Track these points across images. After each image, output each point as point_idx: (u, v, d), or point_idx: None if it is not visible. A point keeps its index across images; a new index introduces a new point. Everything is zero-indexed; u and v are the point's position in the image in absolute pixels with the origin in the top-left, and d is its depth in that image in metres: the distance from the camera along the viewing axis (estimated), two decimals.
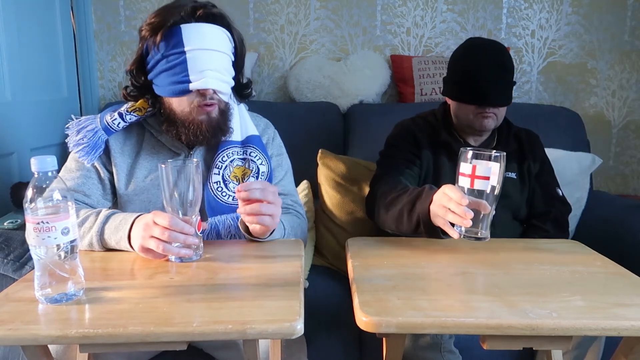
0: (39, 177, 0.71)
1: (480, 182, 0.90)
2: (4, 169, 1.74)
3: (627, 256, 1.48)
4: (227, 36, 1.08)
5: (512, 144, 1.41)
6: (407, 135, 1.41)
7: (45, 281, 0.73)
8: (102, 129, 1.10)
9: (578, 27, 2.19)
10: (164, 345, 0.69)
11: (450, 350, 1.21)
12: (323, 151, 1.77)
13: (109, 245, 0.97)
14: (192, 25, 1.03)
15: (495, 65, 1.29)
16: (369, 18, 2.20)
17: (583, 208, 1.80)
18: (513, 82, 1.33)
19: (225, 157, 1.14)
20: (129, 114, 1.11)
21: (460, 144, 1.38)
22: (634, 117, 2.25)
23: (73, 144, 1.10)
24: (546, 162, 1.45)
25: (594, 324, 0.69)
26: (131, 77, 1.11)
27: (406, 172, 1.34)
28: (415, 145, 1.39)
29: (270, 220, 0.96)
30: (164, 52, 1.03)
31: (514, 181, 1.38)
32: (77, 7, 2.14)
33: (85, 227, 0.99)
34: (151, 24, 1.04)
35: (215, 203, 1.10)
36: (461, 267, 0.90)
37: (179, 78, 1.03)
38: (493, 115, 1.31)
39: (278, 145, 1.27)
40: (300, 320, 0.67)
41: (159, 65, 1.05)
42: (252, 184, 0.95)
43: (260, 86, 2.25)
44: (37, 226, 0.70)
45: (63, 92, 2.08)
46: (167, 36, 1.03)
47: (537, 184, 1.42)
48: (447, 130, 1.40)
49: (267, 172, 1.17)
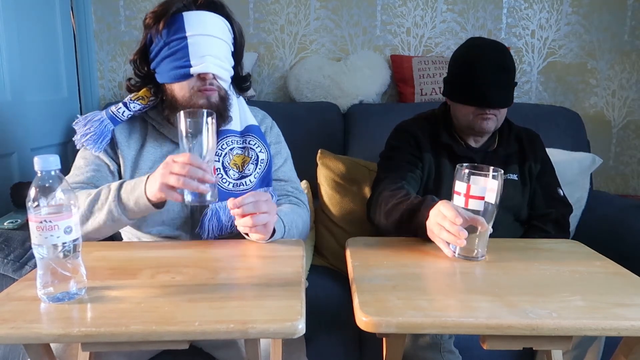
0: (42, 176, 0.71)
1: (475, 202, 0.88)
2: (4, 169, 1.74)
3: (627, 256, 1.48)
4: (227, 25, 1.12)
5: (513, 145, 1.39)
6: (409, 136, 1.39)
7: (48, 280, 0.73)
8: (108, 118, 1.14)
9: (578, 27, 2.20)
10: (166, 344, 0.69)
11: (450, 350, 1.21)
12: (322, 151, 1.77)
13: (129, 207, 0.99)
14: (194, 12, 1.07)
15: (495, 65, 1.27)
16: (369, 18, 2.20)
17: (583, 208, 1.81)
18: (514, 83, 1.31)
19: (225, 145, 1.16)
20: (132, 102, 1.14)
21: (462, 146, 1.37)
22: (634, 117, 2.25)
23: (80, 134, 1.13)
24: (547, 163, 1.44)
25: (594, 324, 0.69)
26: (134, 67, 1.15)
27: (408, 174, 1.32)
28: (417, 147, 1.37)
29: (265, 229, 0.99)
30: (166, 39, 1.07)
31: (515, 183, 1.37)
32: (77, 7, 2.14)
33: (101, 200, 1.00)
34: (155, 12, 1.09)
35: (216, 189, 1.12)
36: (461, 267, 0.90)
37: (180, 63, 1.06)
38: (493, 117, 1.29)
39: (276, 134, 1.30)
40: (301, 319, 0.68)
41: (162, 53, 1.09)
42: (245, 199, 0.96)
43: (260, 86, 2.25)
44: (40, 225, 0.70)
45: (63, 92, 2.08)
46: (169, 24, 1.07)
47: (538, 185, 1.41)
48: (447, 132, 1.38)
49: (267, 160, 1.19)
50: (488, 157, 1.37)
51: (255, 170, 1.17)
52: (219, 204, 1.12)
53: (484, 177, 0.88)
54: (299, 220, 1.16)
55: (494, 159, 1.36)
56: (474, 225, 0.90)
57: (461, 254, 0.92)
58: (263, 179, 1.19)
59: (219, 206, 1.12)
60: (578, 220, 1.79)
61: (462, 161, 1.21)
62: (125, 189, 0.99)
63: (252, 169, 1.17)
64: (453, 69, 1.36)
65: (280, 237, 1.06)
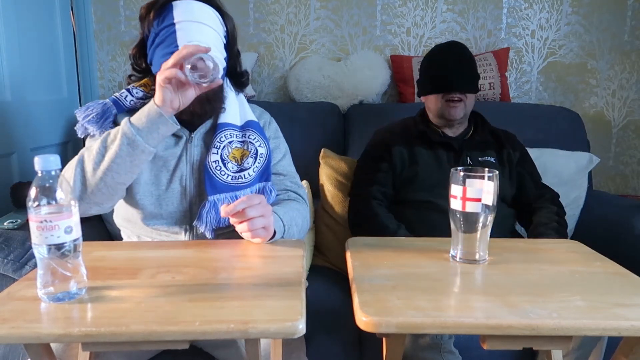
0: (42, 176, 0.71)
1: (472, 205, 0.88)
2: (4, 169, 1.74)
3: (627, 256, 1.49)
4: (217, 16, 1.13)
5: (487, 135, 1.56)
6: (379, 140, 1.58)
7: (48, 280, 0.73)
8: (111, 101, 1.13)
9: (578, 27, 2.20)
10: (166, 344, 0.69)
11: (450, 350, 1.21)
12: (325, 150, 1.79)
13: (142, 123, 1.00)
14: (183, 1, 1.09)
15: (455, 56, 1.48)
16: (369, 18, 2.20)
17: (582, 207, 1.81)
18: (476, 74, 1.51)
19: (223, 137, 1.16)
20: (135, 88, 1.15)
21: (438, 134, 1.54)
22: (634, 117, 2.25)
23: (81, 118, 1.10)
24: (527, 155, 1.59)
25: (594, 324, 0.69)
26: (133, 61, 1.17)
27: (375, 178, 1.52)
28: (385, 148, 1.54)
29: (265, 232, 0.99)
30: (156, 29, 1.09)
31: (493, 164, 1.51)
32: (77, 7, 2.14)
33: (113, 132, 1.03)
34: (147, 4, 1.12)
35: (214, 181, 1.12)
36: (461, 268, 0.90)
37: (169, 50, 1.06)
38: (461, 104, 1.47)
39: (274, 129, 1.30)
40: (302, 320, 0.68)
41: (154, 43, 1.10)
42: (237, 206, 0.96)
43: (260, 86, 2.25)
44: (40, 225, 0.70)
45: (63, 92, 2.08)
46: (159, 13, 1.09)
47: (525, 172, 1.54)
48: (424, 124, 1.56)
49: (266, 155, 1.19)
50: (465, 143, 1.53)
51: (255, 164, 1.17)
52: (217, 196, 1.11)
53: (480, 179, 0.88)
54: (298, 217, 1.16)
55: (470, 145, 1.53)
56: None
57: (462, 257, 0.92)
58: (262, 174, 1.18)
59: (217, 198, 1.11)
60: (577, 220, 1.79)
61: (438, 147, 1.52)
62: (135, 116, 1.02)
63: (251, 162, 1.17)
64: (421, 69, 1.57)
65: (280, 237, 1.06)
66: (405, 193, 1.52)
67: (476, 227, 0.89)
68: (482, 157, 1.51)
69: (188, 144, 1.16)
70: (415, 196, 1.49)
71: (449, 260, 0.94)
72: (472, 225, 0.89)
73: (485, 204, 0.88)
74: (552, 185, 1.58)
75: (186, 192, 1.14)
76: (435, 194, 1.46)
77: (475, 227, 0.89)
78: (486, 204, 0.88)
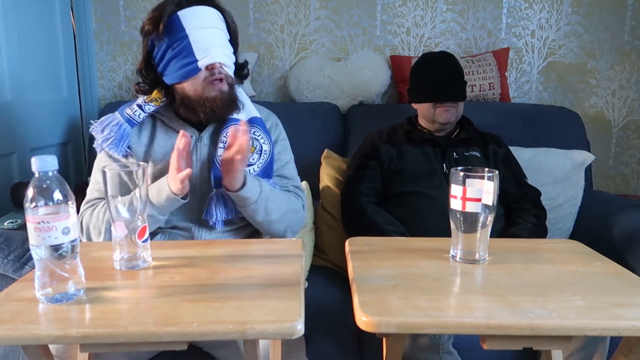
0: (39, 177, 0.71)
1: (472, 205, 0.88)
2: (4, 169, 1.74)
3: (627, 256, 1.48)
4: (219, 15, 1.16)
5: (472, 133, 1.63)
6: (368, 143, 1.65)
7: (46, 281, 0.73)
8: (125, 121, 1.17)
9: (578, 27, 2.19)
10: (165, 345, 0.69)
11: (449, 351, 1.21)
12: (328, 151, 1.83)
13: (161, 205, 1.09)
14: (187, 10, 1.11)
15: (448, 67, 1.57)
16: (369, 18, 2.20)
17: (579, 206, 1.80)
18: (464, 81, 1.60)
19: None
20: (147, 104, 1.18)
21: (424, 133, 1.61)
22: (634, 117, 2.25)
23: (101, 140, 1.17)
24: (512, 156, 1.65)
25: (594, 324, 0.69)
26: (141, 76, 1.19)
27: (364, 175, 1.58)
28: (373, 148, 1.61)
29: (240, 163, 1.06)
30: (168, 41, 1.11)
31: (478, 158, 1.57)
32: (77, 7, 2.14)
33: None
34: (151, 18, 1.12)
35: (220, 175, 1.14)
36: (461, 267, 0.90)
37: (187, 60, 1.10)
38: (452, 109, 1.56)
39: (282, 132, 1.34)
40: (300, 320, 0.67)
41: (167, 55, 1.12)
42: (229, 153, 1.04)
43: (260, 86, 2.25)
44: (37, 226, 0.70)
45: (63, 92, 2.08)
46: (168, 26, 1.10)
47: (508, 172, 1.58)
48: (410, 125, 1.64)
49: (269, 152, 1.22)
50: (451, 141, 1.61)
51: (259, 160, 1.21)
52: (224, 190, 1.14)
53: (480, 179, 0.88)
54: (283, 202, 1.19)
55: (456, 141, 1.60)
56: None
57: (462, 257, 0.92)
58: (265, 170, 1.22)
59: (224, 192, 1.14)
60: (575, 219, 1.79)
61: (425, 144, 1.59)
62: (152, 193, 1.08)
63: (256, 158, 1.20)
64: (412, 78, 1.65)
65: (250, 196, 1.10)
66: (394, 186, 1.56)
67: (476, 227, 0.89)
68: (467, 152, 1.58)
69: (198, 143, 1.20)
70: (404, 187, 1.54)
71: (449, 260, 0.93)
72: (472, 225, 0.89)
73: (485, 204, 0.88)
74: (548, 183, 1.59)
75: (196, 188, 1.18)
76: (424, 184, 1.52)
77: (475, 227, 0.89)
78: (486, 204, 0.88)
